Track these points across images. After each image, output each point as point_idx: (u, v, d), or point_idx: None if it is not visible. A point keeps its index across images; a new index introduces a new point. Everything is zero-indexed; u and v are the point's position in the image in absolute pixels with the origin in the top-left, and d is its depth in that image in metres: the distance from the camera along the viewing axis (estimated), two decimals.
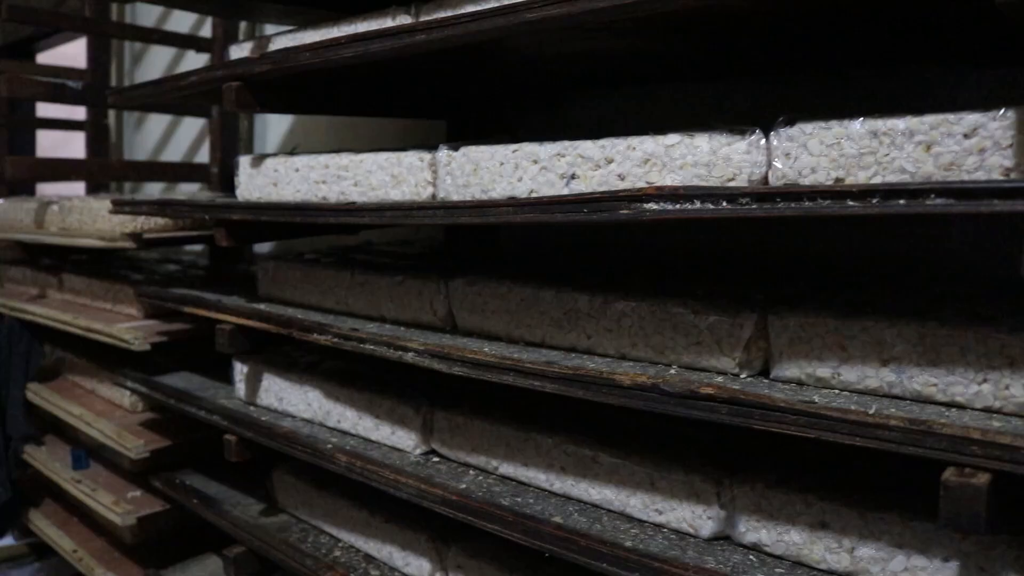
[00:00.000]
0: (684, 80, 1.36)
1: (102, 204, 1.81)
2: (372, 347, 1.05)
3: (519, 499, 0.98)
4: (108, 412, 1.73)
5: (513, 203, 0.88)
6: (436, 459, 1.12)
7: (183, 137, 2.70)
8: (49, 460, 1.87)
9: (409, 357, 1.00)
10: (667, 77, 1.35)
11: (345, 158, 1.16)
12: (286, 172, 1.24)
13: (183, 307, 1.38)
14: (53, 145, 4.40)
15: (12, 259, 2.05)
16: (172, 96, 1.40)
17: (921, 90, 1.10)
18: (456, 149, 1.03)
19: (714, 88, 1.33)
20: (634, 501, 0.93)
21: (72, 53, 3.87)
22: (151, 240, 1.59)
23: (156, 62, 2.80)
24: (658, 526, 0.91)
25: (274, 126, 2.27)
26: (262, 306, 1.29)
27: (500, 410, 1.09)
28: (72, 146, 4.57)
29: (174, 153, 2.73)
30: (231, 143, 2.22)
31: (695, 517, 0.88)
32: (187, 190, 2.55)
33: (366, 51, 1.03)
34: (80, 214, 1.88)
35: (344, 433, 1.22)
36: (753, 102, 1.30)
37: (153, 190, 2.76)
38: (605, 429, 1.01)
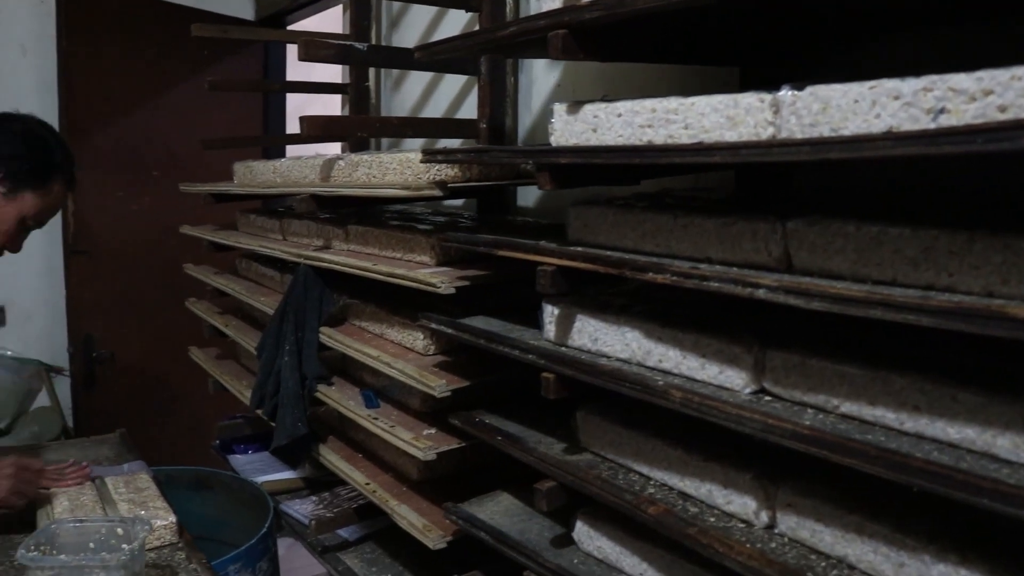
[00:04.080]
0: (990, 19, 1.32)
1: (392, 158, 1.94)
2: (717, 284, 1.09)
3: (869, 436, 1.00)
4: (401, 355, 1.86)
5: (892, 136, 0.89)
6: (768, 398, 1.16)
7: (442, 96, 2.83)
8: (343, 399, 2.03)
9: (761, 293, 1.04)
10: (966, 16, 1.32)
11: (674, 101, 1.20)
12: (607, 118, 1.29)
13: (496, 251, 1.47)
14: (296, 108, 4.71)
15: (299, 213, 2.22)
16: (481, 49, 1.48)
17: None
18: (801, 88, 1.05)
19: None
20: (1002, 441, 0.93)
21: (312, 25, 4.13)
22: (456, 189, 1.69)
23: (413, 25, 2.95)
24: None
25: (539, 82, 2.35)
26: (579, 248, 1.35)
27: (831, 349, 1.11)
28: (311, 109, 4.88)
29: (432, 112, 2.87)
30: (499, 99, 2.32)
31: None
32: (448, 145, 2.67)
33: None
34: (368, 168, 2.02)
35: (665, 373, 1.27)
36: None
37: (412, 147, 2.90)
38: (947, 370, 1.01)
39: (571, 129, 1.35)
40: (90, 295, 3.91)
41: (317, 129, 2.05)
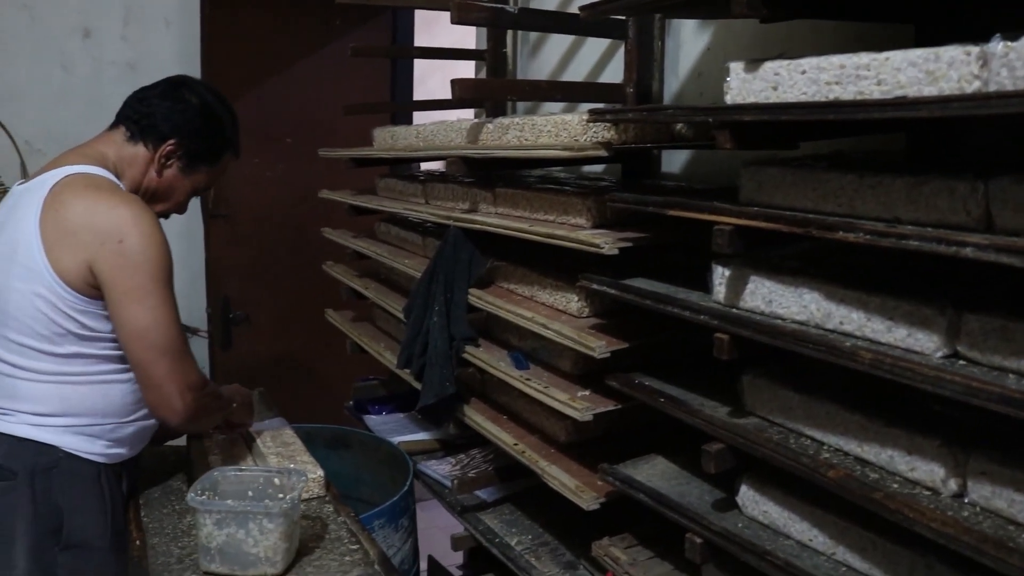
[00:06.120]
0: None
1: (546, 120, 1.94)
2: (917, 243, 1.07)
3: None
4: (554, 317, 1.87)
5: None
6: (962, 362, 1.13)
7: (581, 62, 2.83)
8: (492, 360, 2.06)
9: (968, 252, 1.01)
10: None
11: (865, 57, 1.17)
12: (789, 75, 1.27)
13: (667, 211, 1.47)
14: (418, 77, 4.77)
15: (443, 176, 2.26)
16: (652, 7, 1.47)
17: None
18: (1015, 39, 1.01)
19: None
20: None
21: None
22: (620, 149, 1.69)
23: None
24: None
25: (687, 46, 2.32)
26: (757, 208, 1.34)
27: None
28: (433, 77, 4.92)
29: (571, 79, 2.86)
30: (647, 63, 2.30)
31: None
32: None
33: None
34: (520, 130, 2.02)
35: (846, 335, 1.25)
36: None
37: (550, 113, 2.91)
38: None
39: (749, 88, 1.34)
40: (228, 258, 4.06)
41: (468, 92, 2.07)
